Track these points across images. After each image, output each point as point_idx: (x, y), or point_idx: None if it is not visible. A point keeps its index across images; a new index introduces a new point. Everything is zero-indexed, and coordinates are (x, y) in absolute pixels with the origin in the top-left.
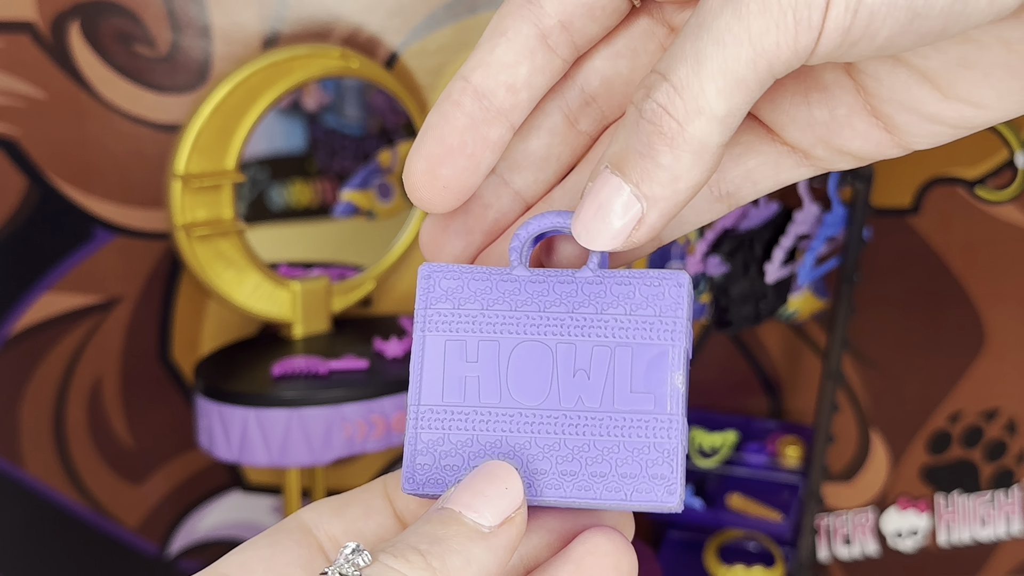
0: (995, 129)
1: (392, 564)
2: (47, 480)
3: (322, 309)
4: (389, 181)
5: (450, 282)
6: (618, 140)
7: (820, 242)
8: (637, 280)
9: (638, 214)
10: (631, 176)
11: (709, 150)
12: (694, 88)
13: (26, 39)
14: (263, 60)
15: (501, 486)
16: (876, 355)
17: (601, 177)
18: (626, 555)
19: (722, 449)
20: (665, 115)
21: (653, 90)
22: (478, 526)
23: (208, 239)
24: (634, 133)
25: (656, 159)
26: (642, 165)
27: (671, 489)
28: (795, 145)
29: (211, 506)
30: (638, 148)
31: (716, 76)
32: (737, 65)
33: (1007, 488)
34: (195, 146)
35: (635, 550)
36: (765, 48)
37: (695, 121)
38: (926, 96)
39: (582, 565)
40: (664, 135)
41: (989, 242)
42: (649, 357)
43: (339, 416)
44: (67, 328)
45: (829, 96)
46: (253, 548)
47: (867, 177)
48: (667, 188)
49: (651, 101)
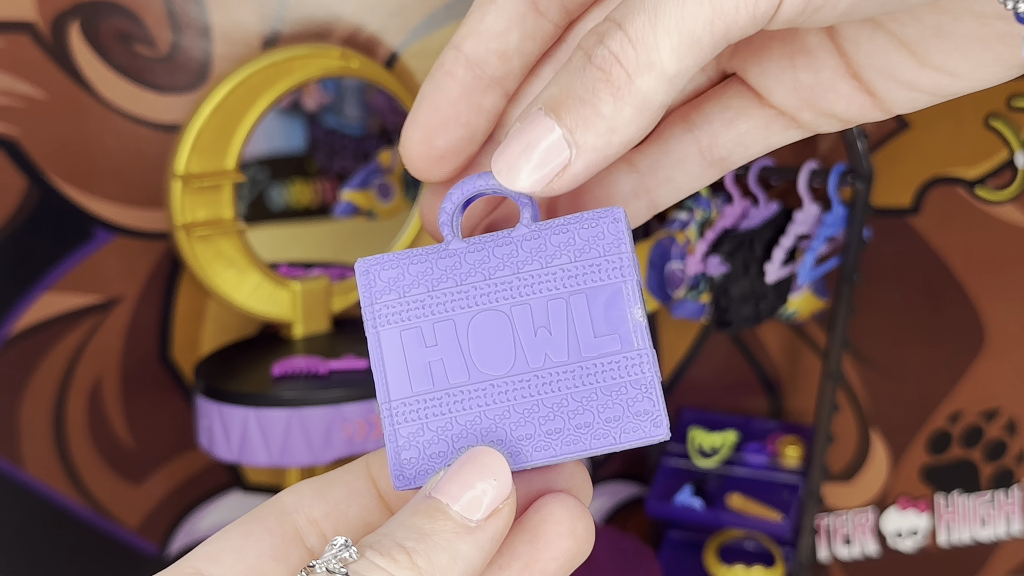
0: (995, 129)
1: (379, 562)
2: (47, 480)
3: (322, 309)
4: (389, 181)
5: (390, 272)
6: (558, 82)
7: (820, 242)
8: (574, 225)
9: (565, 160)
10: (566, 120)
11: (651, 107)
12: (648, 41)
13: (26, 39)
14: (263, 60)
15: (489, 477)
16: (876, 355)
17: (533, 117)
18: (581, 519)
19: (722, 449)
20: (616, 64)
21: (607, 37)
22: (465, 520)
23: (208, 239)
24: (578, 78)
25: (597, 107)
26: (581, 111)
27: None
28: (782, 109)
29: (211, 506)
30: (580, 93)
31: (672, 32)
32: (695, 24)
33: (1007, 488)
34: (195, 146)
35: (635, 550)
36: (724, 10)
37: (645, 75)
38: (903, 63)
39: (538, 534)
40: (611, 83)
41: (989, 242)
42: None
43: (339, 416)
44: (67, 328)
45: (813, 59)
46: (225, 538)
47: (867, 177)
48: (601, 138)
49: (603, 47)
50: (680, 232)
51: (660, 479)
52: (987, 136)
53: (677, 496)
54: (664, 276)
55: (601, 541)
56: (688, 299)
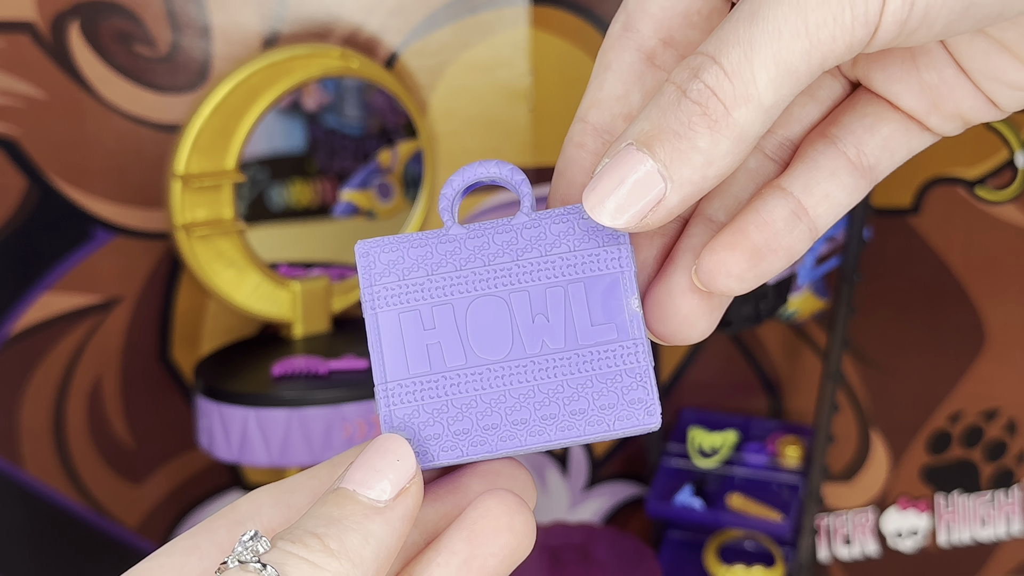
0: (995, 129)
1: (291, 549)
2: (47, 480)
3: (322, 309)
4: (389, 181)
5: (390, 255)
6: (648, 118)
7: (820, 242)
8: (573, 215)
9: (660, 194)
10: (660, 155)
11: (748, 139)
12: (745, 74)
13: (26, 39)
14: (263, 60)
15: (392, 458)
16: (876, 355)
17: (624, 153)
18: (519, 515)
19: (722, 449)
20: (712, 97)
21: (701, 71)
22: (373, 502)
23: (208, 239)
24: (672, 112)
25: (693, 140)
26: (676, 144)
27: (650, 410)
28: (912, 113)
29: (211, 506)
30: (674, 127)
31: (769, 65)
32: (792, 56)
33: (1007, 488)
34: (195, 146)
35: (635, 550)
36: (821, 41)
37: (742, 107)
38: (1006, 65)
39: (475, 530)
40: (707, 117)
41: (989, 242)
42: (602, 288)
43: (339, 416)
44: (67, 328)
45: (934, 59)
46: (168, 554)
47: None
48: (697, 172)
49: (698, 82)
50: None
51: (660, 479)
52: (987, 136)
53: (677, 496)
54: None
55: (601, 541)
56: None
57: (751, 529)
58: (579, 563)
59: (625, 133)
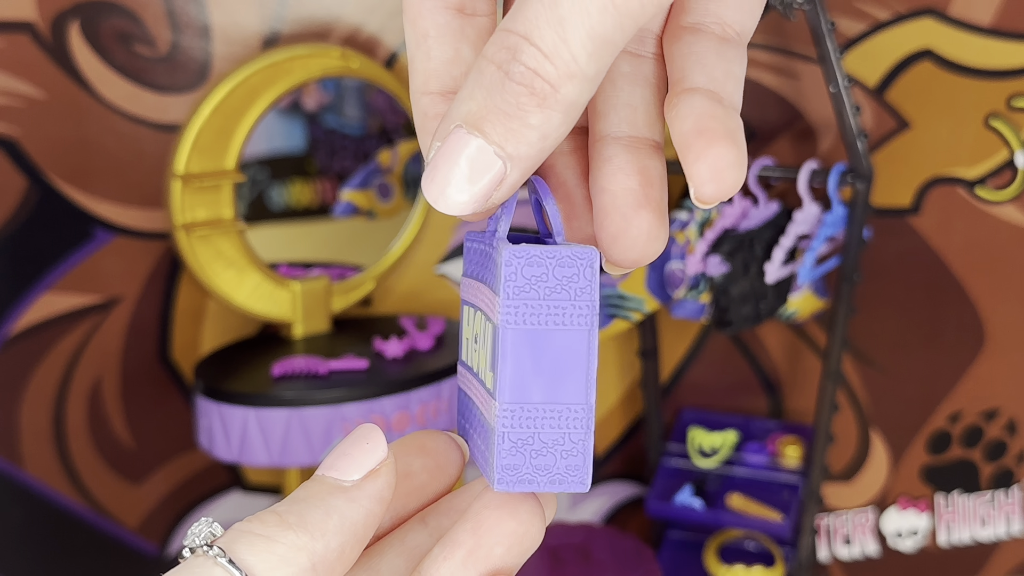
0: (995, 129)
1: (244, 528)
2: (47, 480)
3: (322, 309)
4: (389, 181)
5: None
6: (473, 97)
7: (820, 242)
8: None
9: (500, 174)
10: (492, 136)
11: (578, 107)
12: (564, 54)
13: (26, 39)
14: (263, 60)
15: (362, 443)
16: (876, 355)
17: (455, 137)
18: (524, 503)
19: (722, 449)
20: (537, 78)
21: (519, 53)
22: (339, 482)
23: (208, 239)
24: (498, 93)
25: (525, 119)
26: (508, 124)
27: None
28: None
29: (211, 506)
30: (503, 108)
31: (586, 42)
32: (605, 29)
33: (1007, 488)
34: (195, 146)
35: (635, 550)
36: (631, 10)
37: (567, 83)
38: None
39: (479, 520)
40: (535, 96)
41: (989, 242)
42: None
43: (339, 416)
44: (67, 328)
45: None
46: None
47: (867, 177)
48: (534, 147)
49: (519, 64)
50: (680, 232)
51: (660, 479)
52: (987, 136)
53: (677, 496)
54: (664, 276)
55: (601, 541)
56: (688, 299)
57: (751, 529)
58: (579, 563)
59: (451, 114)
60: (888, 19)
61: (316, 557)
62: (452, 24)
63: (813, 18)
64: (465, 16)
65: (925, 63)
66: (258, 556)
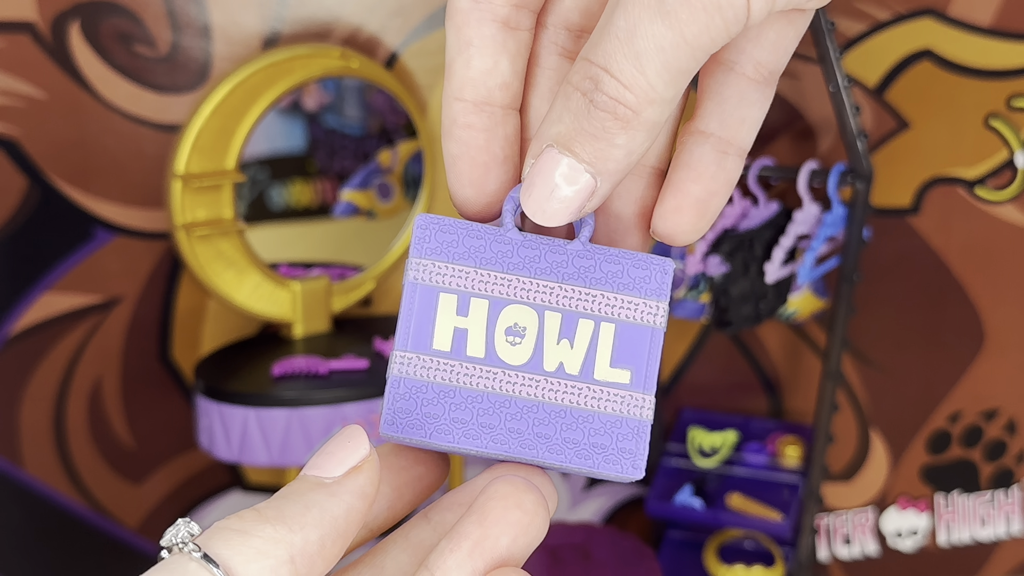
0: (995, 129)
1: (222, 525)
2: (47, 480)
3: (322, 309)
4: (389, 181)
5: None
6: (561, 120)
7: (820, 242)
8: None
9: (591, 187)
10: (582, 155)
11: (659, 126)
12: (642, 84)
13: (26, 39)
14: (263, 60)
15: (344, 442)
16: (876, 355)
17: (548, 156)
18: (528, 493)
19: (722, 449)
20: (619, 105)
21: (601, 83)
22: (319, 479)
23: (208, 239)
24: (584, 117)
25: (611, 140)
26: (596, 145)
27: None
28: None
29: (211, 506)
30: (590, 131)
31: (662, 72)
32: (679, 62)
33: (1007, 488)
34: (195, 146)
35: (635, 550)
36: (702, 44)
37: (647, 108)
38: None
39: (484, 512)
40: (619, 120)
41: (989, 242)
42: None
43: (339, 416)
44: (67, 328)
45: None
46: None
47: (867, 177)
48: (621, 163)
49: (601, 94)
50: None
51: (660, 479)
52: (987, 136)
53: (677, 496)
54: None
55: (601, 541)
56: (688, 299)
57: (751, 529)
58: (579, 563)
59: (541, 134)
60: (888, 19)
61: (295, 549)
62: (496, 36)
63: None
64: (509, 29)
65: (925, 63)
66: (234, 550)
